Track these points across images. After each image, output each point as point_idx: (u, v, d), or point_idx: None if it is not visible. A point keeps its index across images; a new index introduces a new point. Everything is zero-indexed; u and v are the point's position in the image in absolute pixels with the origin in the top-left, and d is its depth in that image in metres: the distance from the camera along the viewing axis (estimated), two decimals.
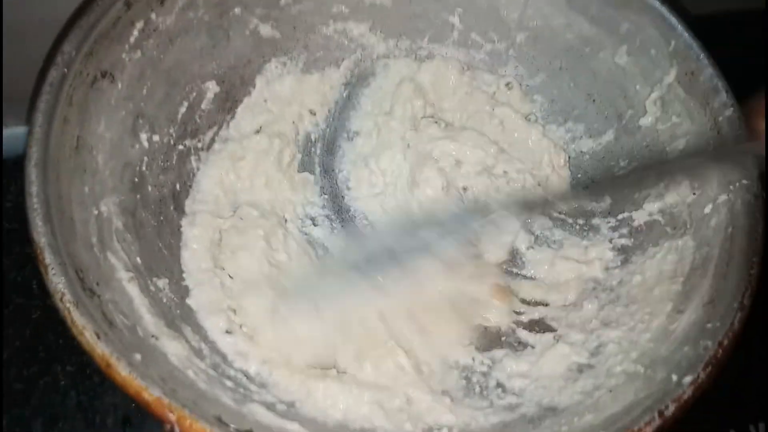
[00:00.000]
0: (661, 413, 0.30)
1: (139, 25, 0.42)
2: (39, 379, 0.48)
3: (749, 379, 0.51)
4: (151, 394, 0.28)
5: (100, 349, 0.29)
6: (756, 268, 0.35)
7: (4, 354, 0.48)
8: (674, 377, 0.32)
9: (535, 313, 0.46)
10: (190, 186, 0.47)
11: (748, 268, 0.35)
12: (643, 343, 0.38)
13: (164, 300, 0.39)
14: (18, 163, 0.55)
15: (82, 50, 0.38)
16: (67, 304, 0.30)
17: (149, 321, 0.35)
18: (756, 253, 0.36)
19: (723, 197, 0.40)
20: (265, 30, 0.50)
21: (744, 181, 0.39)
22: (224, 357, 0.39)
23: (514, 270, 0.49)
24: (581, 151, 0.53)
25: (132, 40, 0.41)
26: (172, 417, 0.28)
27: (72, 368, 0.48)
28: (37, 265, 0.31)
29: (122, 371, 0.28)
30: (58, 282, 0.30)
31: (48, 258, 0.31)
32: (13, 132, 0.56)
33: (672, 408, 0.30)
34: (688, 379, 0.31)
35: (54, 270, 0.31)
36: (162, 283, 0.40)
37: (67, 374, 0.48)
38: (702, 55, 0.44)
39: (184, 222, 0.45)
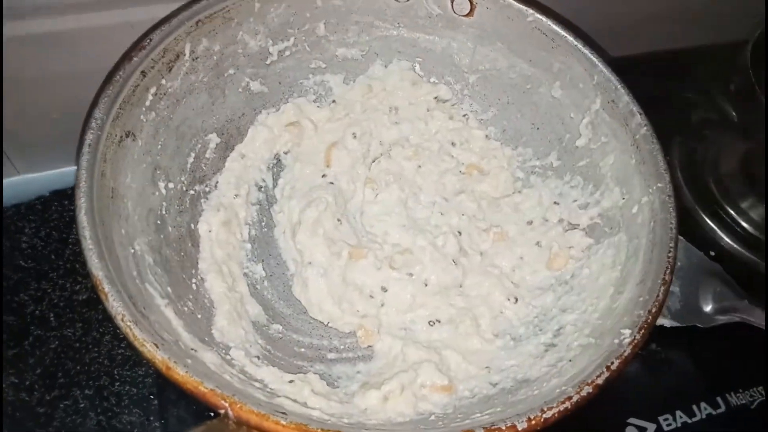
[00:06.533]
0: (608, 368, 0.38)
1: (153, 90, 0.48)
2: (60, 403, 0.51)
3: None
4: (206, 387, 0.34)
5: (160, 356, 0.35)
6: (673, 251, 0.44)
7: (27, 381, 0.51)
8: (616, 341, 0.40)
9: None
10: None
11: (667, 252, 0.44)
12: (593, 321, 0.46)
13: (195, 321, 0.45)
14: (31, 207, 0.61)
15: (111, 115, 0.44)
16: (128, 323, 0.36)
17: (187, 338, 0.41)
18: (672, 239, 0.44)
19: (645, 199, 0.49)
20: (255, 86, 0.58)
21: (659, 185, 0.48)
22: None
23: None
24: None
25: (148, 103, 0.48)
26: (225, 404, 0.34)
27: (90, 392, 0.52)
28: (98, 295, 0.37)
29: (180, 372, 0.35)
30: (118, 306, 0.36)
31: (107, 287, 0.37)
32: (24, 178, 0.61)
33: (617, 363, 0.38)
34: (627, 340, 0.40)
35: (113, 296, 0.37)
36: (190, 307, 0.46)
37: (86, 397, 0.52)
38: (619, 86, 0.53)
39: (200, 256, 0.51)
